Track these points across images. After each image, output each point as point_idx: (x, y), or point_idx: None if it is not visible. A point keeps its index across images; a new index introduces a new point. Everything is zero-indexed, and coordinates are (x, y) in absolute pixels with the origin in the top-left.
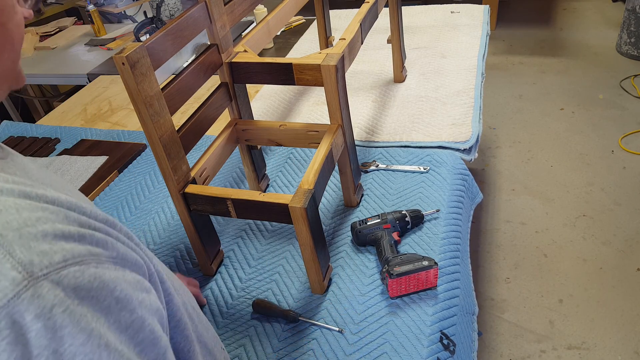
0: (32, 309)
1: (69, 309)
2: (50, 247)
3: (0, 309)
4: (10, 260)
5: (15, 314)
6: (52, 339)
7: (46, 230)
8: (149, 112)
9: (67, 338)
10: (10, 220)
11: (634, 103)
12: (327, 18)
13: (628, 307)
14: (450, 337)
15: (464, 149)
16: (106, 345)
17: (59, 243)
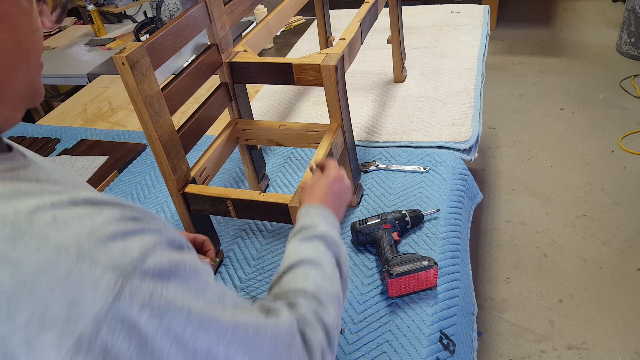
0: (135, 303)
1: (164, 293)
2: (124, 246)
3: (107, 312)
4: (98, 267)
5: (123, 312)
6: (161, 322)
7: (114, 232)
8: (149, 112)
9: (173, 317)
10: (79, 231)
11: (634, 103)
12: (327, 18)
13: (628, 307)
14: (450, 337)
15: (464, 149)
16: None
17: (129, 240)
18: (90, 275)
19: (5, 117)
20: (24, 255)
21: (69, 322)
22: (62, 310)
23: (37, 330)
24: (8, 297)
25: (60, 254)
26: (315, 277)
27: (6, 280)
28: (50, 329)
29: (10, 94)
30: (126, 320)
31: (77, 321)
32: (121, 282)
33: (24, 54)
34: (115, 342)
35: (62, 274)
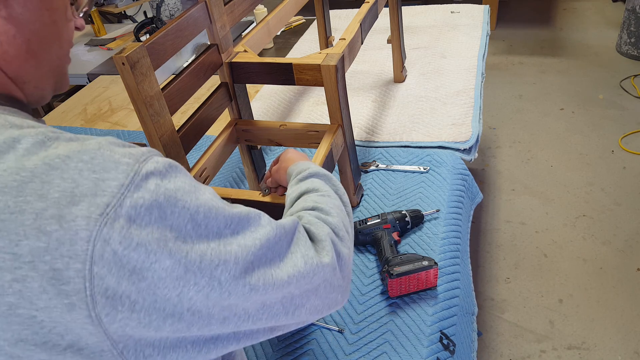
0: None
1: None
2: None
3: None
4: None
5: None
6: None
7: (120, 143)
8: (149, 112)
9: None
10: (97, 140)
11: (634, 103)
12: (327, 18)
13: (628, 307)
14: (450, 337)
15: (464, 149)
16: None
17: (133, 147)
18: (111, 158)
19: (39, 86)
20: (53, 150)
21: (95, 195)
22: (89, 187)
23: (68, 204)
24: (41, 180)
25: (84, 146)
26: (314, 197)
27: (39, 167)
28: (80, 202)
29: (45, 63)
30: (147, 193)
31: (104, 194)
32: (137, 165)
33: (57, 32)
34: (139, 212)
35: (87, 158)
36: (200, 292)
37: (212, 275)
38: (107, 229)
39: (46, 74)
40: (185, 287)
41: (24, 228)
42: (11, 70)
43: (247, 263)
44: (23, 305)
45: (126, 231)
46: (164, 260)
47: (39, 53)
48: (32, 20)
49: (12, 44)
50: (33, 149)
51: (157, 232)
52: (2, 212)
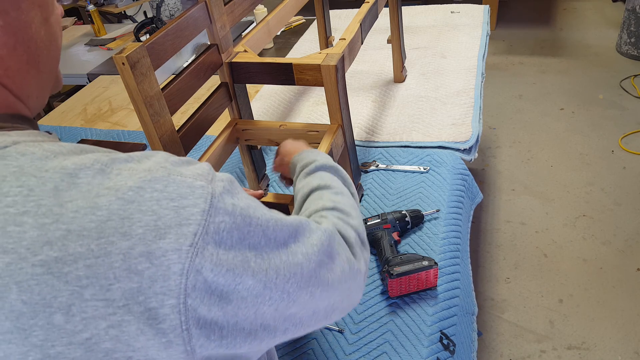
0: (226, 199)
1: (235, 187)
2: (194, 166)
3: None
4: (187, 177)
5: (221, 207)
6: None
7: (178, 160)
8: (149, 112)
9: (251, 212)
10: (155, 160)
11: (634, 103)
12: (327, 18)
13: (628, 307)
14: (450, 337)
15: (464, 149)
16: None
17: (192, 163)
18: (184, 183)
19: (40, 97)
20: (120, 181)
21: (181, 225)
22: (172, 217)
23: (155, 238)
24: (119, 216)
25: (152, 173)
26: (329, 195)
27: (113, 203)
28: (167, 235)
29: (46, 70)
30: (227, 216)
31: (189, 223)
32: (210, 187)
33: (51, 31)
34: (222, 235)
35: (160, 187)
36: (272, 306)
37: (284, 289)
38: (198, 259)
39: (46, 81)
40: (262, 303)
41: (113, 271)
42: (16, 86)
43: (311, 271)
44: (120, 349)
45: (216, 257)
46: (247, 280)
47: (39, 60)
48: (27, 23)
49: (13, 56)
50: (96, 181)
51: (240, 253)
52: (87, 258)
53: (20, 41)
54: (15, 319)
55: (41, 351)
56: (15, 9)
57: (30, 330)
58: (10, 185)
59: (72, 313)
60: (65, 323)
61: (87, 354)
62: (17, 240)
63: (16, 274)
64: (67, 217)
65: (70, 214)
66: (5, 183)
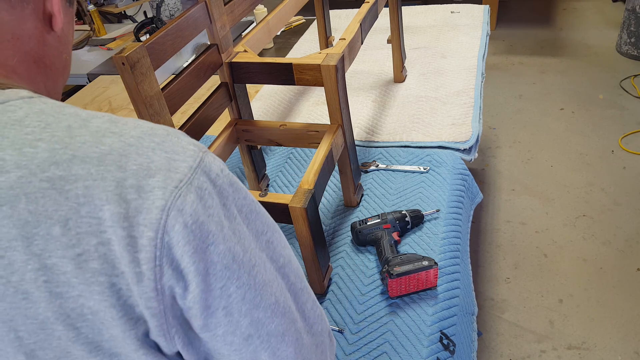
0: (213, 170)
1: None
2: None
3: (197, 167)
4: (183, 140)
5: (207, 172)
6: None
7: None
8: (149, 112)
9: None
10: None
11: (634, 103)
12: (327, 18)
13: (628, 307)
14: (450, 337)
15: (464, 149)
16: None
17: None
18: (179, 144)
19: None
20: (125, 130)
21: (169, 170)
22: (163, 163)
23: (146, 176)
24: (119, 153)
25: (154, 130)
26: None
27: (116, 143)
28: (156, 174)
29: (67, 74)
30: (209, 180)
31: (177, 171)
32: (202, 154)
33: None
34: (204, 193)
35: (157, 141)
36: (240, 289)
37: (250, 274)
38: (180, 201)
39: (64, 82)
40: (230, 280)
41: (106, 194)
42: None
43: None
44: (105, 271)
45: (196, 206)
46: (220, 244)
47: (67, 72)
48: (70, 42)
49: (59, 58)
50: (105, 126)
51: (217, 216)
52: (86, 180)
53: (65, 50)
54: (21, 227)
55: (39, 260)
56: (67, 29)
57: (32, 238)
58: (31, 120)
59: (69, 227)
60: (62, 235)
61: (77, 271)
62: (30, 159)
63: (26, 186)
64: (74, 145)
65: (77, 144)
66: (28, 118)
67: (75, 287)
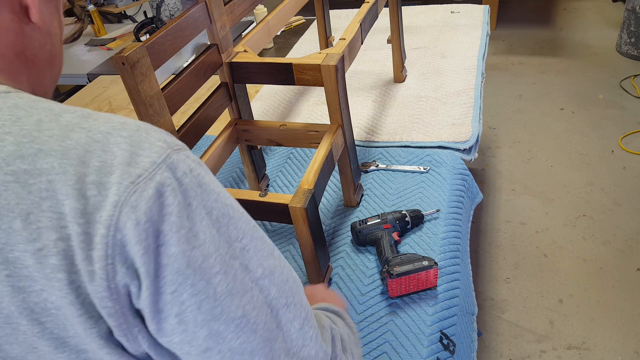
0: (180, 169)
1: (201, 169)
2: (167, 135)
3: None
4: (152, 136)
5: (172, 169)
6: (200, 192)
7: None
8: (149, 112)
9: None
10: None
11: (634, 103)
12: (327, 18)
13: (628, 307)
14: (450, 337)
15: (464, 149)
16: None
17: (170, 136)
18: (147, 139)
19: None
20: (94, 125)
21: (129, 165)
22: (124, 157)
23: (107, 174)
24: (84, 149)
25: (124, 125)
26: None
27: (82, 138)
28: (115, 171)
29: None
30: (173, 177)
31: (137, 166)
32: (170, 151)
33: (62, 34)
34: (164, 190)
35: (125, 135)
36: (195, 297)
37: (210, 282)
38: (135, 197)
39: (54, 84)
40: (182, 285)
41: (66, 188)
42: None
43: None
44: (65, 267)
45: (152, 204)
46: (171, 247)
47: (55, 63)
48: (54, 33)
49: (42, 50)
50: (75, 122)
51: (175, 216)
52: (49, 174)
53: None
54: None
55: (1, 255)
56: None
57: None
58: (2, 114)
59: (30, 221)
60: (22, 229)
61: (37, 266)
62: None
63: None
64: (41, 139)
65: (45, 138)
66: (0, 112)
67: (37, 282)
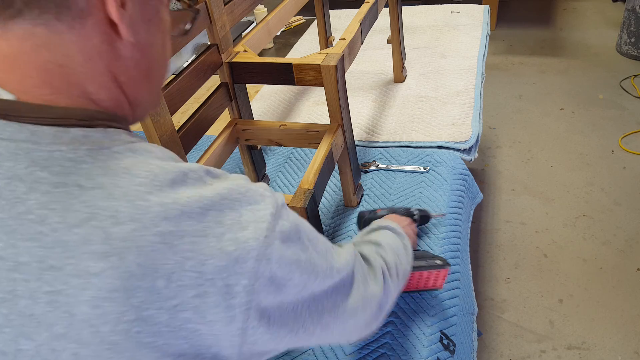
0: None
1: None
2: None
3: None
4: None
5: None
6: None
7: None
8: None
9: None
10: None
11: (634, 103)
12: (327, 18)
13: (628, 307)
14: (450, 337)
15: (464, 149)
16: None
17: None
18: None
19: (148, 106)
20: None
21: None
22: (250, 215)
23: (240, 229)
24: (217, 208)
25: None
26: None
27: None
28: (248, 227)
29: (156, 84)
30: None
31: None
32: (274, 197)
33: (166, 54)
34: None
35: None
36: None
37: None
38: (270, 250)
39: (156, 93)
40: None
41: (210, 249)
42: (132, 93)
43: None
44: (195, 319)
45: (280, 251)
46: (296, 276)
47: (154, 75)
48: (152, 44)
49: (137, 68)
50: (199, 183)
51: (294, 253)
52: (193, 236)
53: (145, 58)
54: (126, 279)
55: (136, 312)
56: (146, 32)
57: (134, 291)
58: (140, 169)
59: (172, 280)
60: (164, 288)
61: (169, 320)
62: (143, 212)
63: (138, 239)
64: (182, 200)
65: (184, 199)
66: (136, 167)
67: (163, 336)
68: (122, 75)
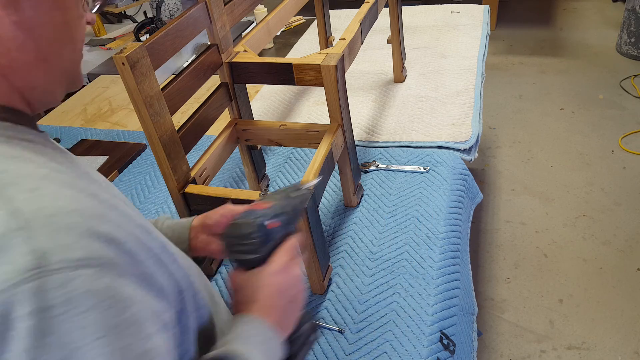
0: (28, 304)
1: (68, 315)
2: (75, 242)
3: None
4: (26, 245)
5: (8, 304)
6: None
7: (77, 224)
8: (149, 112)
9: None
10: (44, 206)
11: (634, 103)
12: (327, 18)
13: (628, 307)
14: (450, 337)
15: (464, 149)
16: None
17: (86, 240)
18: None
19: (48, 90)
20: None
21: None
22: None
23: None
24: None
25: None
26: None
27: None
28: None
29: (56, 67)
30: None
31: None
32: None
33: (70, 34)
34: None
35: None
36: None
37: None
38: None
39: (58, 77)
40: None
41: None
42: (19, 78)
43: None
44: None
45: None
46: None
47: (51, 57)
48: (43, 23)
49: (22, 50)
50: None
51: None
52: None
53: (31, 38)
54: None
55: None
56: (33, 9)
57: None
58: None
59: None
60: None
61: None
62: None
63: None
64: None
65: None
66: None
67: None
68: (1, 57)
